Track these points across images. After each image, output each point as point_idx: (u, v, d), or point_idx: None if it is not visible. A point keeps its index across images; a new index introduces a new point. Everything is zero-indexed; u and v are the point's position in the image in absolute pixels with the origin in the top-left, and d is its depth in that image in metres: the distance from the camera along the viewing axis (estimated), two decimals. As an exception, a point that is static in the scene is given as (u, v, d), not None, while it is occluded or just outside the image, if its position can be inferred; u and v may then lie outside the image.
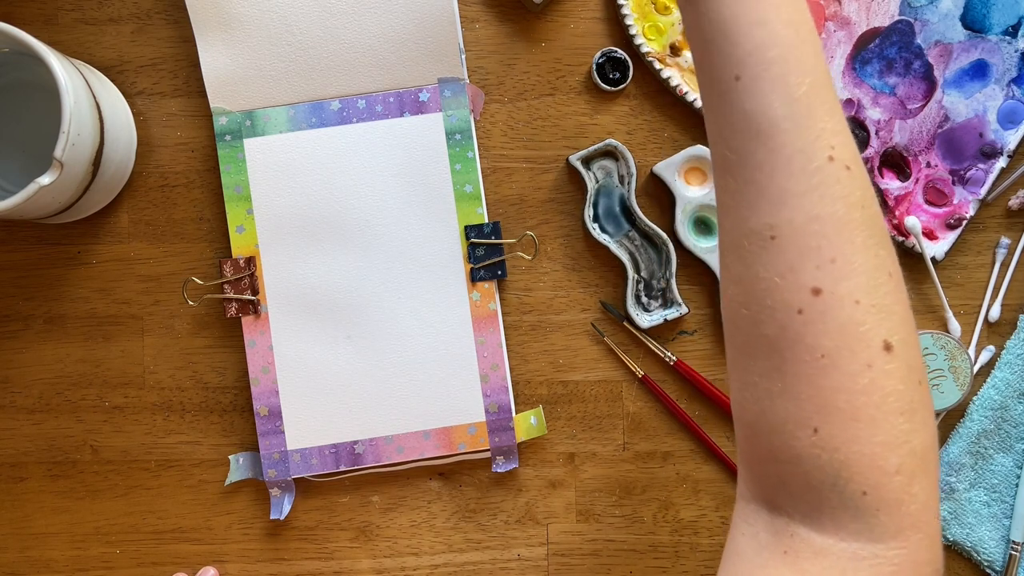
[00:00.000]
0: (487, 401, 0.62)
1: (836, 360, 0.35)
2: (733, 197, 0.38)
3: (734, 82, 0.37)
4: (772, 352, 0.37)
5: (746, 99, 0.36)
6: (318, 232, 0.62)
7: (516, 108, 0.63)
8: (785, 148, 0.36)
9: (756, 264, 0.37)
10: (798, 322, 0.36)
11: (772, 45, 0.36)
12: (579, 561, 0.63)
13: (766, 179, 0.36)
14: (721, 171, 0.38)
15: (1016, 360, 0.62)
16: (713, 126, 0.39)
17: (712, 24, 0.37)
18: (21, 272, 0.63)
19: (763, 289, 0.37)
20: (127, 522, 0.63)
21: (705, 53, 0.38)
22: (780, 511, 0.38)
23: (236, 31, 0.61)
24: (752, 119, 0.36)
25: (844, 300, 0.35)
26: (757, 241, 0.37)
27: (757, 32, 0.36)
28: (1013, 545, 0.61)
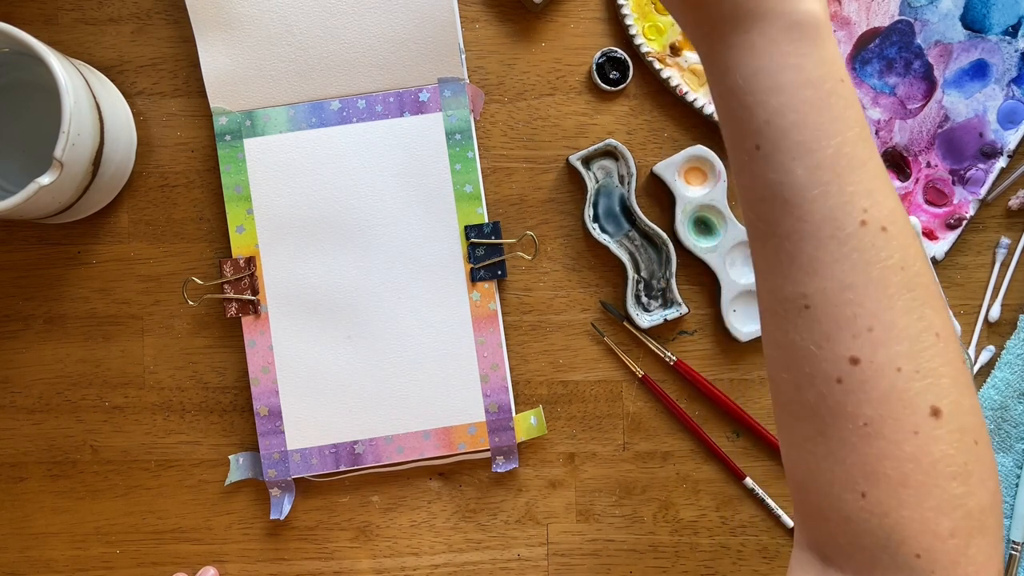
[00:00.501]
0: (487, 401, 0.62)
1: (880, 428, 0.35)
2: (766, 263, 0.37)
3: (755, 151, 0.36)
4: (814, 417, 0.36)
5: (768, 168, 0.36)
6: (318, 232, 0.62)
7: (516, 108, 0.63)
8: (813, 216, 0.35)
9: (792, 332, 0.37)
10: (838, 391, 0.35)
11: (789, 111, 0.35)
12: (579, 561, 0.63)
13: (795, 248, 0.36)
14: (752, 237, 0.38)
15: (1016, 360, 0.62)
16: (740, 192, 0.38)
17: (730, 92, 0.36)
18: (21, 272, 0.63)
19: (801, 357, 0.36)
20: (127, 522, 0.63)
21: (726, 120, 0.37)
22: (833, 564, 0.37)
23: (236, 31, 0.61)
24: (776, 188, 0.36)
25: (884, 368, 0.35)
26: (792, 309, 0.36)
27: (773, 100, 0.35)
28: (1013, 545, 0.61)
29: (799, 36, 0.35)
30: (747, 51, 0.36)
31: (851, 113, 0.36)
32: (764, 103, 0.35)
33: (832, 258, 0.35)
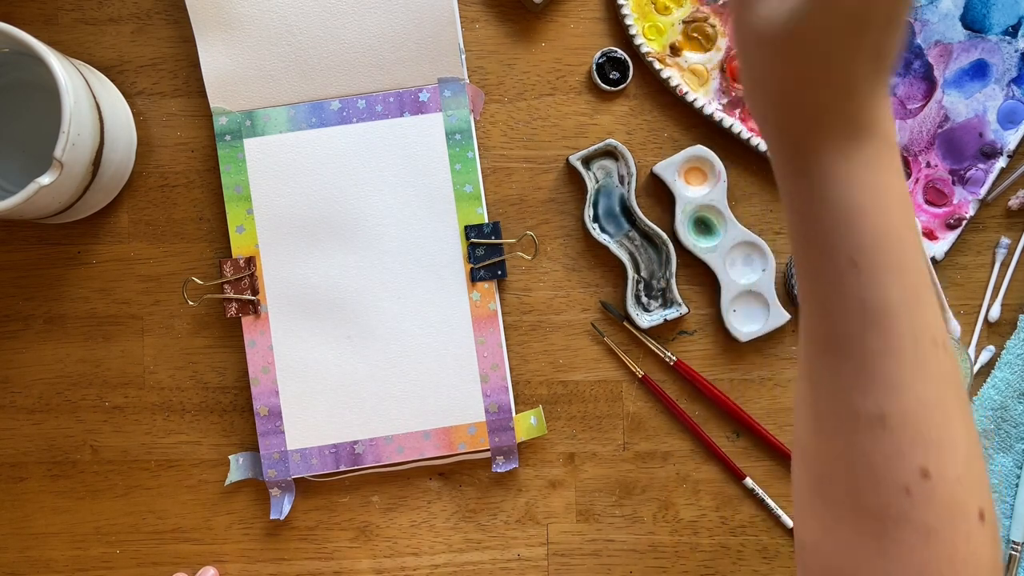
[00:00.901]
0: (487, 401, 0.62)
1: (940, 534, 0.36)
2: (839, 378, 0.38)
3: (851, 268, 0.36)
4: (872, 519, 0.37)
5: (862, 286, 0.36)
6: (318, 232, 0.62)
7: (516, 108, 0.63)
8: (899, 336, 0.36)
9: (863, 444, 0.37)
10: (905, 502, 0.37)
11: (893, 229, 0.36)
12: (579, 561, 0.63)
13: (879, 365, 0.37)
14: (823, 351, 0.38)
15: (1016, 360, 0.62)
16: (817, 307, 0.38)
17: (829, 207, 0.36)
18: (21, 272, 0.63)
19: (868, 467, 0.37)
20: (127, 522, 0.63)
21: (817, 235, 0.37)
22: None
23: (236, 31, 0.61)
24: (867, 306, 0.36)
25: (948, 479, 0.36)
26: (866, 424, 0.37)
27: (881, 217, 0.36)
28: (1013, 545, 0.61)
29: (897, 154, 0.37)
30: (860, 165, 0.36)
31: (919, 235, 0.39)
32: (871, 220, 0.36)
33: (912, 377, 0.37)
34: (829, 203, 0.37)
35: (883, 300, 0.36)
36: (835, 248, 0.37)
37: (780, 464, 0.64)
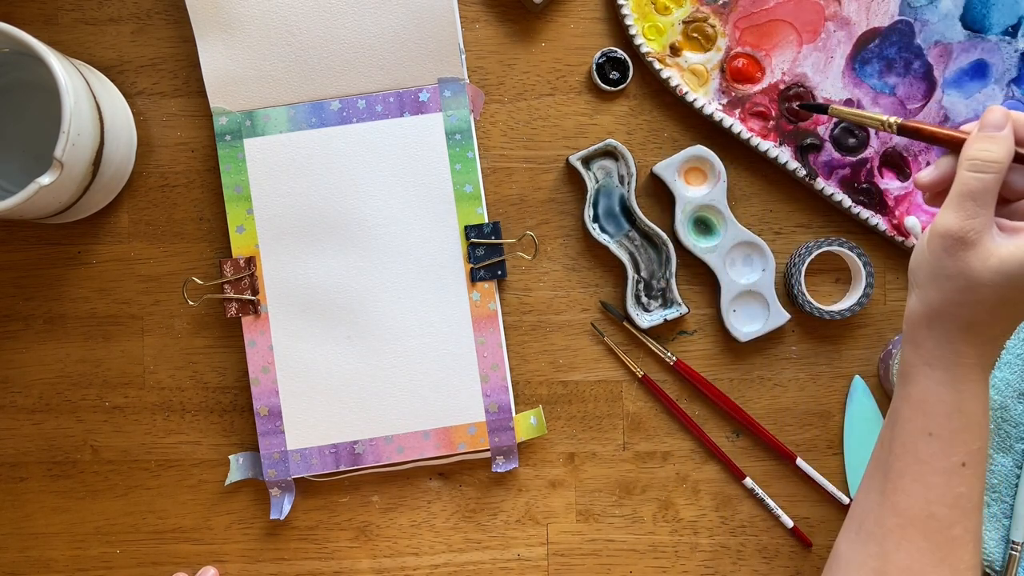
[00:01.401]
0: (487, 401, 0.62)
1: None
2: (918, 550, 0.46)
3: (960, 467, 0.45)
4: None
5: (964, 484, 0.45)
6: (318, 232, 0.62)
7: (516, 108, 0.63)
8: (974, 527, 0.45)
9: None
10: None
11: (987, 444, 0.46)
12: (579, 561, 0.63)
13: (954, 550, 0.45)
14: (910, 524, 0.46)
15: (1016, 360, 0.62)
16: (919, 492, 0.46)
17: (966, 417, 0.45)
18: (21, 272, 0.63)
19: None
20: (127, 522, 0.63)
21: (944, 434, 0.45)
22: None
23: (236, 31, 0.61)
24: (961, 499, 0.45)
25: None
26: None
27: (985, 434, 0.45)
28: (1013, 545, 0.61)
29: None
30: (987, 388, 0.46)
31: None
32: (983, 433, 0.45)
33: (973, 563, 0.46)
34: (963, 411, 0.45)
35: (973, 500, 0.45)
36: (955, 448, 0.45)
37: (780, 464, 0.64)
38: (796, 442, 0.64)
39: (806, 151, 0.62)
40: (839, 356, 0.64)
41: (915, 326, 0.46)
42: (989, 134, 0.44)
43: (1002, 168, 0.43)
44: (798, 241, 0.64)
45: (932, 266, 0.45)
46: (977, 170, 0.43)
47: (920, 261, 0.46)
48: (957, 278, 0.43)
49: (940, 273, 0.44)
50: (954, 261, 0.43)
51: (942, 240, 0.44)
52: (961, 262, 0.43)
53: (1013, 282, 0.42)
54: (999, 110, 0.44)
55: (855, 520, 0.49)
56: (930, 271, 0.45)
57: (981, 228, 0.43)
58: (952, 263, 0.43)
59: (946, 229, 0.43)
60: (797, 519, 0.63)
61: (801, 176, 0.62)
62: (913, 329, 0.47)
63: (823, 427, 0.64)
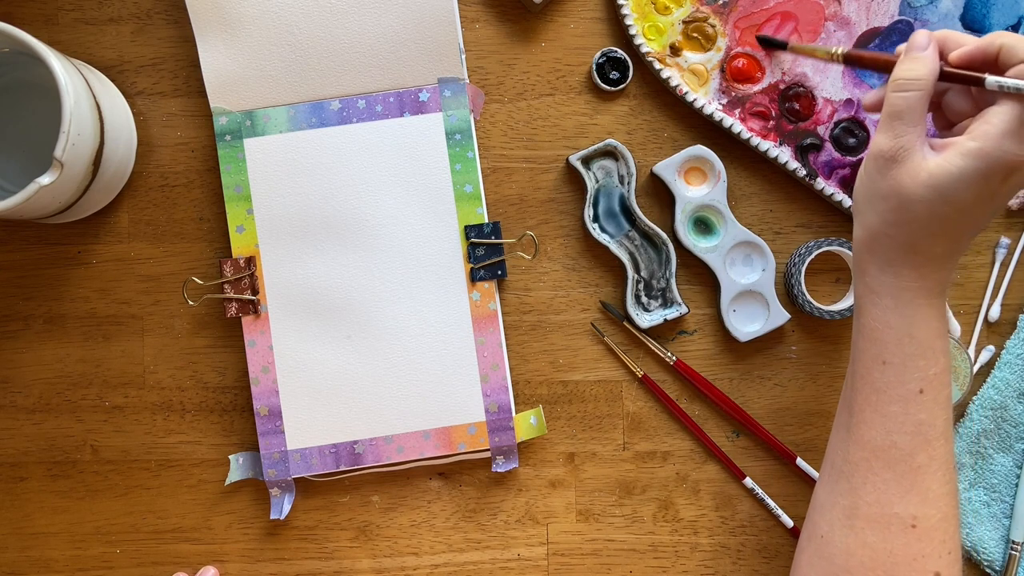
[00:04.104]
0: (487, 401, 0.62)
1: None
2: (884, 482, 0.45)
3: (918, 395, 0.45)
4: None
5: (922, 410, 0.45)
6: (318, 232, 0.62)
7: (516, 108, 0.63)
8: (940, 455, 0.44)
9: (892, 541, 0.44)
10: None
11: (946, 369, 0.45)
12: (579, 561, 0.64)
13: (921, 479, 0.44)
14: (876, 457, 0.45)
15: (1016, 360, 0.62)
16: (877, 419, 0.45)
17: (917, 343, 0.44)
18: (21, 272, 0.63)
19: (893, 563, 0.44)
20: (127, 522, 0.63)
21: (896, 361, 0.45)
22: None
23: (236, 31, 0.61)
24: (922, 427, 0.44)
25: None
26: (898, 524, 0.44)
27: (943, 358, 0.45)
28: (1013, 545, 0.61)
29: None
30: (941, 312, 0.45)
31: None
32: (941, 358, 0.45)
33: (946, 491, 0.45)
34: (915, 338, 0.44)
35: (935, 425, 0.44)
36: (911, 376, 0.44)
37: (780, 464, 0.64)
38: (796, 442, 0.64)
39: (806, 151, 0.62)
40: (839, 356, 0.64)
41: (859, 254, 0.47)
42: (913, 55, 0.45)
43: (926, 86, 0.44)
44: (798, 241, 0.64)
45: (868, 189, 0.45)
46: (901, 89, 0.44)
47: (859, 187, 0.46)
48: (891, 197, 0.44)
49: (876, 195, 0.45)
50: (887, 181, 0.44)
51: (875, 161, 0.44)
52: (893, 180, 0.43)
53: (944, 196, 0.42)
54: (923, 33, 0.45)
55: (828, 461, 0.49)
56: (867, 194, 0.45)
57: (910, 146, 0.43)
58: (885, 183, 0.44)
59: (878, 150, 0.44)
60: (797, 519, 0.63)
61: (801, 176, 0.62)
62: (858, 257, 0.47)
63: (823, 427, 0.64)
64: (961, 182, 0.42)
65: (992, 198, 0.43)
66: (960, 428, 0.63)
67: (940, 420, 0.45)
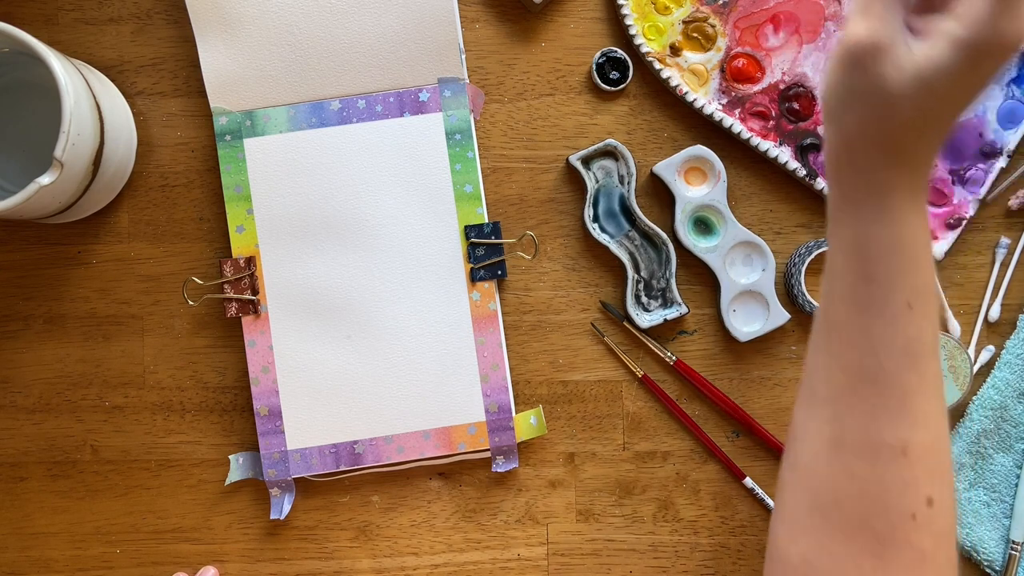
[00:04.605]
0: (487, 401, 0.62)
1: (934, 558, 0.40)
2: (872, 407, 0.41)
3: (906, 309, 0.40)
4: (875, 541, 0.40)
5: (912, 326, 0.40)
6: (318, 232, 0.62)
7: (516, 108, 0.63)
8: (929, 374, 0.41)
9: (883, 471, 0.41)
10: (910, 525, 0.40)
11: (931, 281, 0.41)
12: (579, 561, 0.64)
13: (911, 400, 0.40)
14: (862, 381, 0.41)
15: (1016, 360, 0.62)
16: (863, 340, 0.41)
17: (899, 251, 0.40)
18: (21, 272, 0.63)
19: (883, 492, 0.41)
20: (127, 522, 0.63)
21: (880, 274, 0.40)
22: None
23: (236, 31, 0.61)
24: (911, 344, 0.40)
25: (947, 508, 0.41)
26: (888, 452, 0.40)
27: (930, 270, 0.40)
28: (1013, 545, 0.61)
29: None
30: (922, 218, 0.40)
31: None
32: (926, 269, 0.40)
33: (937, 412, 0.41)
34: (900, 248, 0.40)
35: (924, 342, 0.40)
36: (896, 289, 0.40)
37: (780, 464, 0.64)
38: (796, 442, 0.64)
39: (806, 151, 0.62)
40: (839, 356, 0.64)
41: (835, 163, 0.41)
42: None
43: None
44: (798, 241, 0.64)
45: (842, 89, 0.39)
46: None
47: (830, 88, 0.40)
48: (871, 95, 0.38)
49: (852, 95, 0.39)
50: (867, 77, 0.38)
51: (850, 56, 0.38)
52: (875, 76, 0.37)
53: (934, 91, 0.37)
54: None
55: (806, 387, 0.45)
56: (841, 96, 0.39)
57: (892, 32, 0.37)
58: (865, 80, 0.38)
59: (855, 39, 0.37)
60: (797, 519, 0.63)
61: (801, 176, 0.62)
62: (834, 168, 0.41)
63: (823, 427, 0.64)
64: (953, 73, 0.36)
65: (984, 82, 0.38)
66: (960, 428, 0.63)
67: (928, 335, 0.40)
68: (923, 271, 0.40)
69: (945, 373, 0.61)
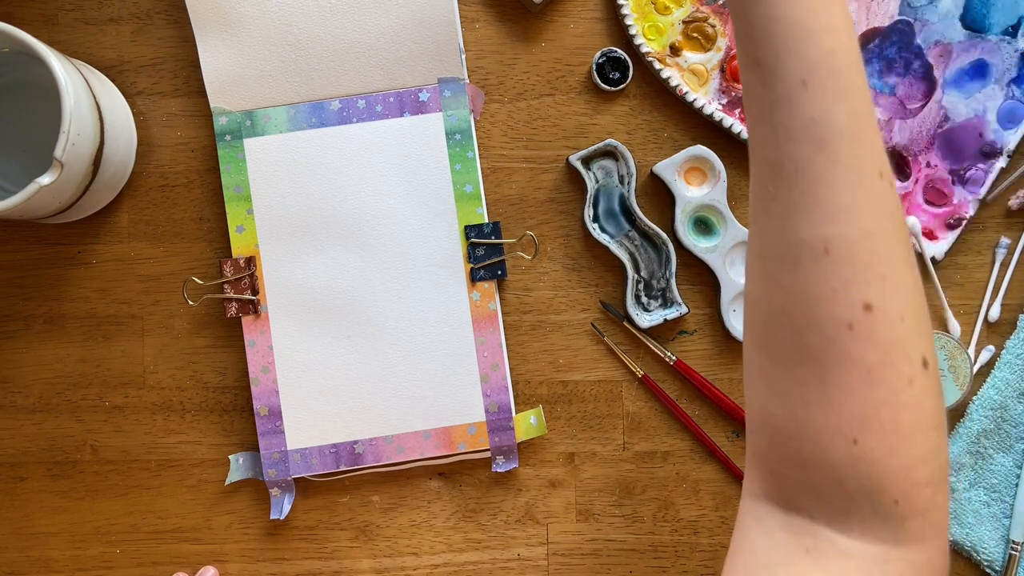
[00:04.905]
0: (487, 401, 0.62)
1: (882, 375, 0.36)
2: (783, 206, 0.37)
3: (800, 87, 0.36)
4: (814, 363, 0.37)
5: (810, 106, 0.36)
6: (318, 232, 0.62)
7: (516, 108, 0.63)
8: (844, 160, 0.36)
9: (806, 276, 0.37)
10: (847, 337, 0.36)
11: (840, 52, 0.36)
12: (579, 561, 0.64)
13: (823, 190, 0.36)
14: (770, 177, 0.38)
15: (1016, 360, 0.62)
16: (765, 129, 0.38)
17: (782, 25, 0.36)
18: (21, 272, 0.63)
19: (812, 301, 0.36)
20: (127, 522, 0.63)
21: (766, 53, 0.37)
22: (799, 511, 0.38)
23: (236, 31, 0.61)
24: (813, 127, 0.36)
25: (892, 317, 0.36)
26: (809, 253, 0.36)
27: (828, 39, 0.36)
28: (1013, 545, 0.61)
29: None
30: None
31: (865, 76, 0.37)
32: (821, 40, 0.36)
33: (858, 204, 0.36)
34: (782, 21, 0.36)
35: (831, 123, 0.36)
36: (787, 67, 0.36)
37: (780, 464, 0.64)
38: (796, 442, 0.64)
39: (806, 151, 0.62)
40: (839, 356, 0.64)
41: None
42: None
43: None
44: (798, 241, 0.64)
45: None
46: None
47: None
48: None
49: None
50: None
51: None
52: None
53: None
54: None
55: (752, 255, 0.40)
56: None
57: None
58: None
59: None
60: (797, 519, 0.63)
61: (801, 176, 0.62)
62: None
63: (823, 427, 0.64)
64: None
65: None
66: (960, 428, 0.63)
67: (838, 117, 0.36)
68: (816, 45, 0.36)
69: (945, 373, 0.61)
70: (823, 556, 0.37)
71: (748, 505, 0.40)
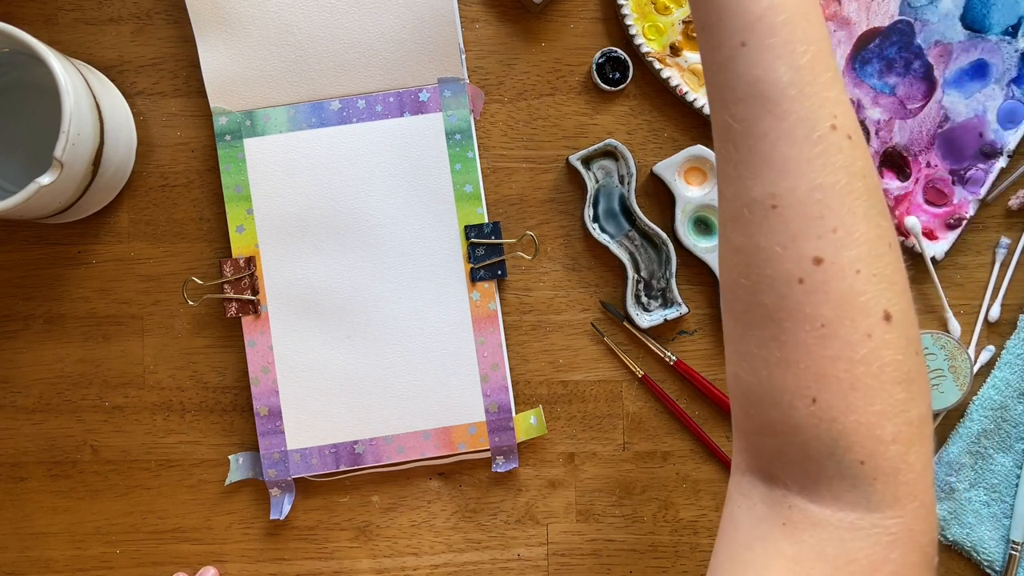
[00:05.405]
0: (487, 401, 0.62)
1: (836, 329, 0.35)
2: (735, 166, 0.37)
3: (740, 48, 0.36)
4: (770, 321, 0.37)
5: (752, 65, 0.36)
6: (318, 232, 0.62)
7: (516, 108, 0.63)
8: (790, 115, 0.36)
9: (757, 233, 0.37)
10: (798, 291, 0.36)
11: (780, 10, 0.36)
12: (579, 561, 0.64)
13: (769, 147, 0.36)
14: (723, 139, 0.38)
15: (1016, 360, 0.62)
16: (716, 93, 0.38)
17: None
18: (21, 272, 0.63)
19: (763, 259, 0.37)
20: (127, 522, 0.63)
21: (710, 16, 0.37)
22: (777, 482, 0.38)
23: (236, 31, 0.61)
24: (757, 86, 0.36)
25: (845, 270, 0.35)
26: (759, 210, 0.36)
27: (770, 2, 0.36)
28: (1013, 545, 0.61)
29: None
30: None
31: (823, 29, 0.37)
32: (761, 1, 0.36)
33: (805, 158, 0.36)
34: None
35: (771, 79, 0.36)
36: (727, 29, 0.36)
37: (780, 464, 0.64)
38: (796, 442, 0.64)
39: (806, 151, 0.62)
40: (839, 356, 0.64)
41: None
42: None
43: None
44: (798, 241, 0.64)
45: None
46: None
47: None
48: None
49: None
50: None
51: None
52: None
53: None
54: None
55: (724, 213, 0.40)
56: None
57: None
58: None
59: None
60: (797, 519, 0.63)
61: (801, 176, 0.62)
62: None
63: (823, 427, 0.64)
64: None
65: None
66: (960, 428, 0.63)
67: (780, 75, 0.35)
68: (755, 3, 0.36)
69: (945, 373, 0.61)
70: (797, 528, 0.37)
71: (734, 479, 0.40)
